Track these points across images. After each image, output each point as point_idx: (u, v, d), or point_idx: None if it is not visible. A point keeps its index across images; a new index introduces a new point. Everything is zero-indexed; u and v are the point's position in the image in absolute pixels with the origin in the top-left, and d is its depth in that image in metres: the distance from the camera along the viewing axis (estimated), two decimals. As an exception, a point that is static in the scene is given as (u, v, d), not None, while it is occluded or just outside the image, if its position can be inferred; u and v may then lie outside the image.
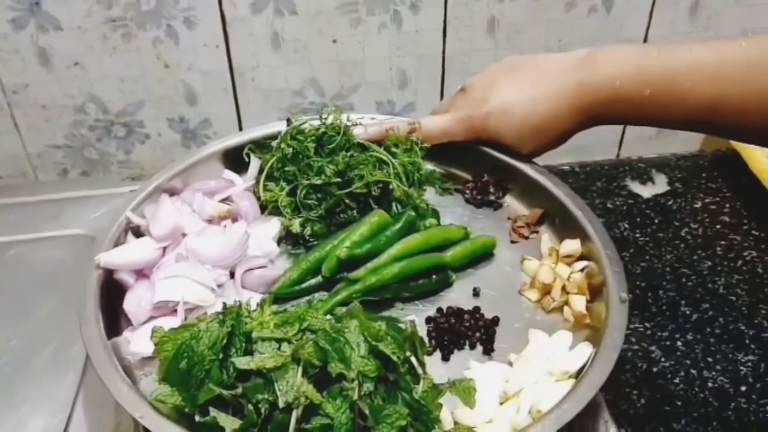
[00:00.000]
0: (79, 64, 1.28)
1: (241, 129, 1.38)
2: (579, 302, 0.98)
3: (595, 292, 0.99)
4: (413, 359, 0.83)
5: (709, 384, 1.08)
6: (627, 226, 1.34)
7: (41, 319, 1.09)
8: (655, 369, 1.09)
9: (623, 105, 1.00)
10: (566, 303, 1.00)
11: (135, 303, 0.95)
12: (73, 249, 1.19)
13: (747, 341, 1.14)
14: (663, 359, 1.11)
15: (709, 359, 1.11)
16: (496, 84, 1.08)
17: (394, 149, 1.10)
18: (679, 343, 1.14)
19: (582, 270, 1.00)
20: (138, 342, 0.92)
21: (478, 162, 1.17)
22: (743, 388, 1.07)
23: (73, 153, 1.37)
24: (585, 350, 0.91)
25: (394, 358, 0.80)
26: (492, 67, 1.12)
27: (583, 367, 0.89)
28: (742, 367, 1.10)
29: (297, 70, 1.34)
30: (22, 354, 1.04)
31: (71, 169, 1.39)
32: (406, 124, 1.12)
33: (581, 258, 1.03)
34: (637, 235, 1.33)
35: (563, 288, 1.00)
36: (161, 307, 0.95)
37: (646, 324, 1.17)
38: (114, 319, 0.96)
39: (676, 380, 1.09)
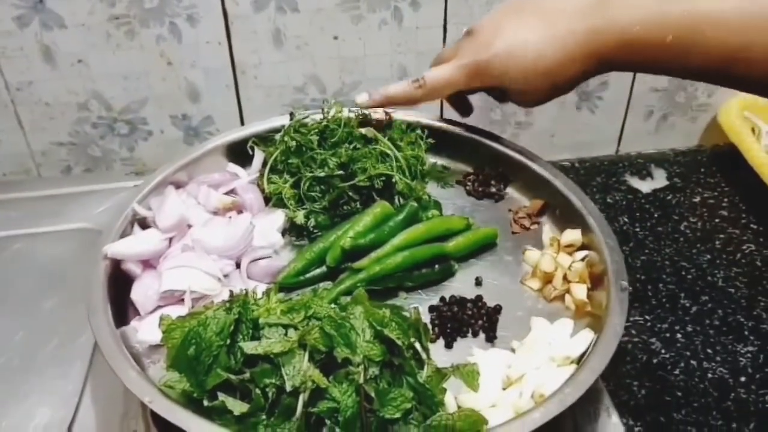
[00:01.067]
0: (83, 62, 1.29)
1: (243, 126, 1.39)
2: (580, 291, 0.99)
3: (596, 280, 1.00)
4: (417, 345, 0.84)
5: (709, 375, 1.09)
6: (627, 220, 1.36)
7: (46, 312, 1.09)
8: (655, 360, 1.10)
9: (641, 51, 0.94)
10: (567, 291, 1.01)
11: (142, 292, 0.97)
12: (76, 243, 1.20)
13: (746, 333, 1.15)
14: (663, 351, 1.12)
15: (709, 350, 1.12)
16: (502, 26, 1.03)
17: (399, 142, 1.11)
18: (678, 335, 1.14)
19: (583, 259, 1.01)
20: (146, 330, 0.93)
21: (479, 154, 1.18)
22: (742, 379, 1.08)
23: (76, 150, 1.38)
24: (586, 336, 0.92)
25: (399, 342, 0.81)
26: (499, 7, 1.07)
27: (584, 353, 0.90)
28: (741, 358, 1.11)
29: (298, 66, 1.35)
30: (28, 347, 1.04)
31: (74, 167, 1.40)
32: (411, 83, 1.09)
33: (582, 248, 1.05)
34: (637, 230, 1.34)
35: (564, 277, 1.01)
36: (168, 296, 0.96)
37: (646, 316, 1.17)
38: (121, 310, 0.97)
39: (676, 371, 1.09)
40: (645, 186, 1.44)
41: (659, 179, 1.46)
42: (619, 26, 0.95)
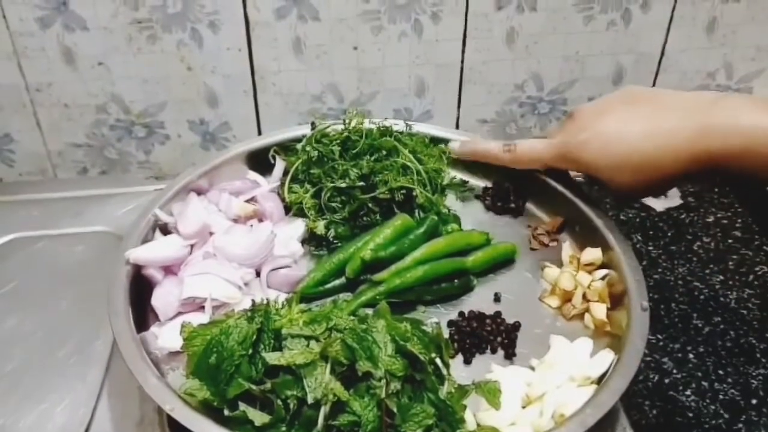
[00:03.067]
0: (104, 64, 1.29)
1: (260, 133, 1.39)
2: (599, 310, 1.00)
3: (616, 300, 1.00)
4: (438, 360, 0.84)
5: (720, 396, 1.08)
6: (640, 238, 1.35)
7: (65, 313, 1.09)
8: (667, 380, 1.10)
9: (763, 158, 0.90)
10: (587, 310, 1.01)
11: (163, 299, 0.97)
12: (96, 246, 1.20)
13: (758, 355, 1.14)
14: (675, 371, 1.12)
15: (721, 372, 1.12)
16: (605, 113, 1.00)
17: (422, 157, 1.11)
18: (690, 356, 1.14)
19: (603, 278, 1.02)
20: (166, 337, 0.93)
21: (498, 169, 1.18)
22: (754, 401, 1.08)
23: (93, 152, 1.38)
24: (607, 356, 0.92)
25: (422, 358, 0.81)
26: (608, 95, 1.05)
27: (604, 374, 0.90)
28: (752, 381, 1.11)
29: (317, 75, 1.36)
30: (46, 347, 1.04)
31: (91, 168, 1.40)
32: (503, 145, 1.11)
33: (602, 266, 1.05)
34: (650, 248, 1.33)
35: (584, 296, 1.01)
36: (189, 303, 0.97)
37: (659, 336, 1.17)
38: (141, 315, 0.97)
39: (688, 392, 1.09)
40: (659, 204, 1.44)
41: (673, 198, 1.46)
42: (740, 129, 0.90)
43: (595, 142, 0.99)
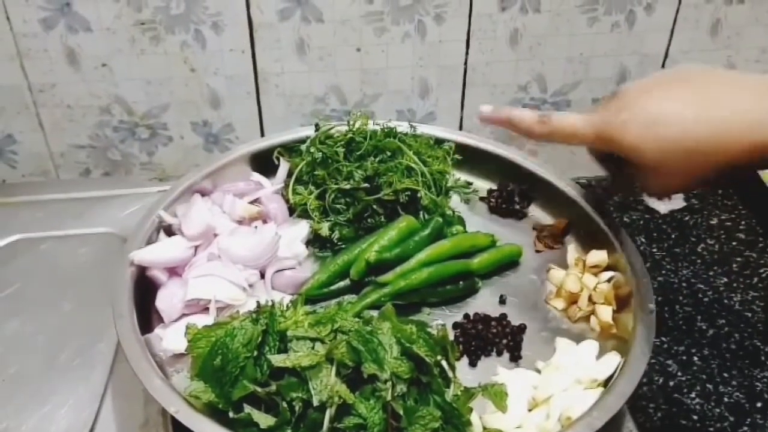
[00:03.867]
0: (107, 66, 1.28)
1: (263, 134, 1.39)
2: (605, 312, 0.99)
3: (622, 302, 1.00)
4: (444, 363, 0.84)
5: (725, 399, 1.08)
6: (644, 240, 1.35)
7: (68, 315, 1.09)
8: (671, 383, 1.10)
9: None
10: (592, 313, 1.01)
11: (167, 300, 0.97)
12: (100, 247, 1.19)
13: (762, 358, 1.14)
14: (679, 373, 1.12)
15: (725, 374, 1.12)
16: (654, 91, 0.88)
17: (426, 158, 1.11)
18: (695, 358, 1.14)
19: (609, 280, 1.01)
20: (170, 339, 0.93)
21: (502, 171, 1.18)
22: (759, 404, 1.07)
23: (96, 153, 1.38)
24: (613, 359, 0.92)
25: (428, 360, 0.81)
26: (660, 71, 0.95)
27: (611, 376, 0.90)
28: (757, 383, 1.10)
29: (321, 77, 1.35)
30: (49, 349, 1.04)
31: (93, 169, 1.39)
32: (537, 116, 0.96)
33: (608, 268, 1.04)
34: (654, 250, 1.33)
35: (589, 298, 1.01)
36: (193, 304, 0.97)
37: (663, 338, 1.17)
38: (145, 317, 0.97)
39: (693, 394, 1.09)
40: (662, 206, 1.44)
41: (677, 200, 1.45)
42: None
43: (638, 124, 0.86)
